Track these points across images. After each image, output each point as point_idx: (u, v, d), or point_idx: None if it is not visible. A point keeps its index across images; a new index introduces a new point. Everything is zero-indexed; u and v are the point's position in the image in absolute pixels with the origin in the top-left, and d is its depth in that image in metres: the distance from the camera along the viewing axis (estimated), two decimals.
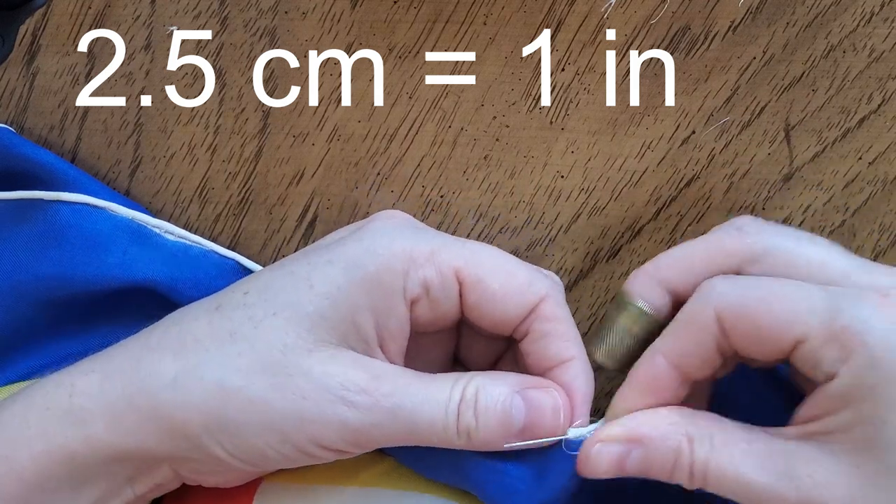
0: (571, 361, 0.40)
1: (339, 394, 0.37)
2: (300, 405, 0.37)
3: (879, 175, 0.46)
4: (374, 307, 0.38)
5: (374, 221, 0.41)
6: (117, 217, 0.44)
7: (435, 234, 0.40)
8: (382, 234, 0.39)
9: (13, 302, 0.44)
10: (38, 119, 0.47)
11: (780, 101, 0.45)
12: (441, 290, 0.38)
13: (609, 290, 0.47)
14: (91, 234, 0.44)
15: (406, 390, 0.37)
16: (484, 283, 0.39)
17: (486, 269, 0.39)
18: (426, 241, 0.39)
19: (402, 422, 0.37)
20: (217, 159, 0.47)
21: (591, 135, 0.46)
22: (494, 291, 0.39)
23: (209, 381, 0.37)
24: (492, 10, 0.46)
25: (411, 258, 0.38)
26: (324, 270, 0.38)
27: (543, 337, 0.39)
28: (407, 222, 0.41)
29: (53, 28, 0.47)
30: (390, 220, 0.41)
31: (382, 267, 0.38)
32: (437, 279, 0.38)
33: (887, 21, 0.45)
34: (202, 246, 0.45)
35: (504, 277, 0.39)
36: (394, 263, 0.38)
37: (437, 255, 0.38)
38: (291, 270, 0.38)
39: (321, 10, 0.46)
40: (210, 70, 0.47)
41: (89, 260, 0.44)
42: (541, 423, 0.39)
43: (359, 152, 0.47)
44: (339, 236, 0.41)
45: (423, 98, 0.46)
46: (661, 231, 0.46)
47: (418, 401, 0.37)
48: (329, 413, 0.37)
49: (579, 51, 0.46)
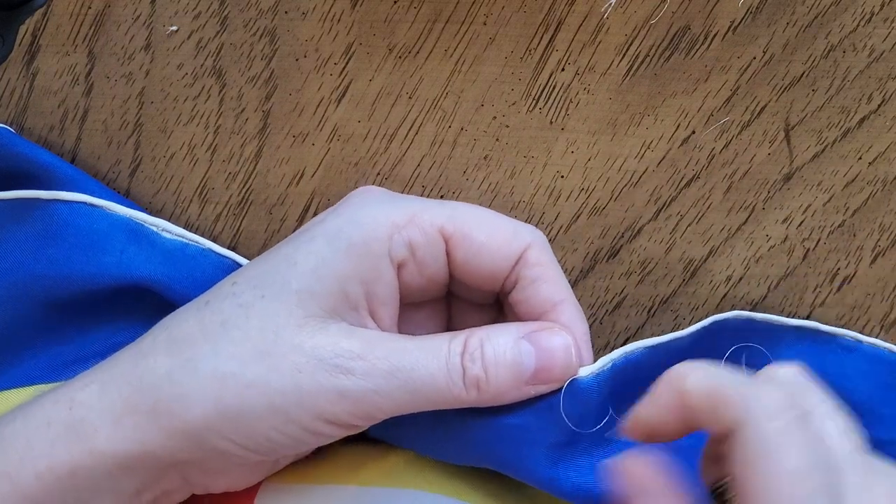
0: (563, 303, 0.39)
1: (334, 362, 0.36)
2: (296, 380, 0.36)
3: (879, 175, 0.46)
4: (362, 275, 0.37)
5: (350, 198, 0.41)
6: (115, 215, 0.44)
7: (414, 199, 0.40)
8: (361, 205, 0.39)
9: (11, 303, 0.44)
10: (38, 119, 0.47)
11: (780, 101, 0.45)
12: (427, 249, 0.38)
13: (609, 289, 0.47)
14: (88, 232, 0.44)
15: (402, 350, 0.37)
16: (469, 237, 0.38)
17: (469, 223, 0.39)
18: (406, 206, 0.39)
19: (403, 382, 0.37)
20: (217, 159, 0.47)
21: (591, 135, 0.46)
22: (481, 244, 0.39)
23: (203, 371, 0.37)
24: (492, 10, 0.46)
25: (393, 222, 0.38)
26: (307, 247, 0.38)
27: (532, 283, 0.39)
28: (383, 193, 0.41)
29: (53, 28, 0.47)
30: (367, 194, 0.41)
31: (366, 234, 0.38)
32: (421, 239, 0.38)
33: (887, 21, 0.45)
34: (199, 244, 0.45)
35: (488, 229, 0.39)
36: (377, 230, 0.38)
37: (418, 216, 0.38)
38: (276, 253, 0.39)
39: (321, 10, 0.46)
40: (210, 70, 0.47)
41: (86, 259, 0.44)
42: (553, 364, 0.38)
43: (359, 152, 0.47)
44: (321, 218, 0.41)
45: (423, 98, 0.46)
46: (661, 231, 0.46)
47: (416, 358, 0.37)
48: (326, 384, 0.36)
49: (579, 51, 0.46)
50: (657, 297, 0.47)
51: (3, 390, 0.45)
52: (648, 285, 0.46)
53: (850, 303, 0.46)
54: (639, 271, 0.47)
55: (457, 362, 0.37)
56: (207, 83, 0.47)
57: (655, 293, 0.47)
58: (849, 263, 0.46)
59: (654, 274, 0.46)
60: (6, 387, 0.45)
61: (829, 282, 0.46)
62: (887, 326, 0.46)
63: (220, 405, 0.36)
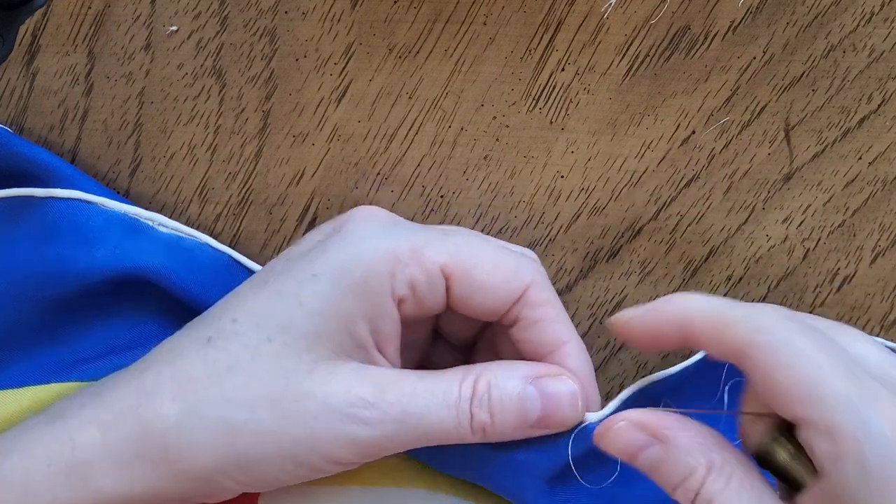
0: (567, 345, 0.39)
1: (347, 412, 0.36)
2: (311, 428, 0.36)
3: (879, 175, 0.46)
4: (366, 313, 0.37)
5: (352, 223, 0.40)
6: (110, 211, 0.44)
7: (416, 229, 0.39)
8: (363, 236, 0.38)
9: (7, 303, 0.44)
10: (38, 119, 0.47)
11: (780, 101, 0.45)
12: (427, 287, 0.38)
13: (609, 289, 0.47)
14: (83, 228, 0.44)
15: (412, 396, 0.37)
16: (470, 275, 0.38)
17: (471, 261, 0.38)
18: (408, 239, 0.38)
19: (412, 428, 0.37)
20: (217, 159, 0.47)
21: (591, 135, 0.46)
22: (481, 283, 0.38)
23: (214, 420, 0.36)
24: (492, 10, 0.46)
25: (396, 258, 0.37)
26: (311, 287, 0.37)
27: (535, 324, 0.39)
28: (386, 219, 0.40)
29: (53, 28, 0.47)
30: (369, 220, 0.40)
31: (368, 272, 0.37)
32: (422, 277, 0.38)
33: (887, 21, 0.45)
34: (196, 238, 0.45)
35: (489, 268, 0.38)
36: (379, 267, 0.37)
37: (420, 252, 0.38)
38: (278, 290, 0.38)
39: (321, 10, 0.46)
40: (210, 70, 0.47)
41: (80, 254, 0.43)
42: (558, 413, 0.38)
43: (359, 152, 0.47)
44: (317, 239, 0.40)
45: (423, 98, 0.46)
46: (661, 231, 0.46)
47: (425, 404, 0.37)
48: (339, 433, 0.36)
49: (579, 51, 0.46)
50: (657, 297, 0.46)
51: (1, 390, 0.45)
52: (648, 285, 0.46)
53: (850, 303, 0.46)
54: (639, 271, 0.47)
55: (466, 408, 0.37)
56: (207, 83, 0.47)
57: (655, 293, 0.47)
58: (849, 263, 0.46)
59: (654, 274, 0.46)
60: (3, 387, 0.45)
61: (829, 282, 0.46)
62: (887, 326, 0.46)
63: (231, 453, 0.37)
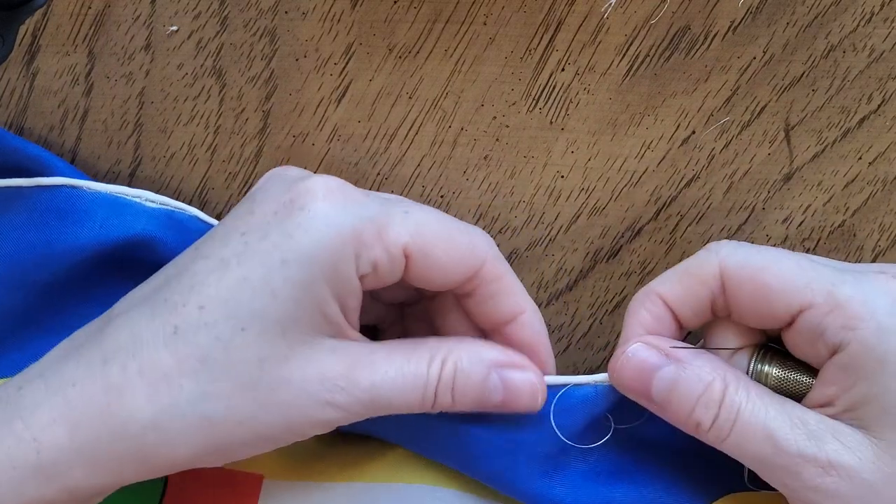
0: (524, 314, 0.40)
1: (322, 397, 0.37)
2: (286, 414, 0.37)
3: (879, 175, 0.46)
4: (336, 294, 0.37)
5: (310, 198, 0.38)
6: (95, 193, 0.44)
7: (378, 204, 0.39)
8: (326, 216, 0.37)
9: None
10: (38, 119, 0.47)
11: (780, 101, 0.45)
12: (388, 266, 0.38)
13: (609, 289, 0.47)
14: (69, 212, 0.44)
15: (383, 380, 0.38)
16: (429, 255, 0.38)
17: (430, 242, 0.38)
18: (371, 219, 0.38)
19: (380, 408, 0.38)
20: (217, 159, 0.47)
21: (591, 135, 0.46)
22: (437, 261, 0.39)
23: (192, 416, 0.36)
24: (492, 10, 0.46)
25: (360, 241, 0.37)
26: (282, 273, 0.37)
27: (491, 297, 0.40)
28: (344, 193, 0.38)
29: (53, 28, 0.47)
30: (328, 196, 0.38)
31: (336, 256, 0.37)
32: (385, 257, 0.38)
33: (887, 21, 0.45)
34: (185, 211, 0.45)
35: (446, 248, 0.39)
36: (345, 249, 0.37)
37: (383, 233, 0.38)
38: (245, 276, 0.37)
39: (321, 10, 0.46)
40: (210, 70, 0.47)
41: (65, 236, 0.43)
42: (517, 402, 0.40)
43: (359, 152, 0.47)
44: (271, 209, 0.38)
45: (423, 98, 0.46)
46: (661, 231, 0.46)
47: (395, 387, 0.38)
48: (314, 416, 0.37)
49: (579, 51, 0.46)
50: None
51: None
52: None
53: None
54: (639, 271, 0.47)
55: (431, 392, 0.38)
56: (207, 83, 0.47)
57: None
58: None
59: (654, 274, 0.46)
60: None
61: None
62: None
63: (208, 444, 0.37)
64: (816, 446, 0.36)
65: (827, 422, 0.37)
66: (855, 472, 0.36)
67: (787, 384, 0.39)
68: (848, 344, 0.36)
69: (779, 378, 0.39)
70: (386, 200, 0.39)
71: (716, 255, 0.39)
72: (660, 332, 0.40)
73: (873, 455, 0.36)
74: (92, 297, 0.45)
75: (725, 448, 0.38)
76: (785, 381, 0.39)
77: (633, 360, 0.39)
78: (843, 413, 0.37)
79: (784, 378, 0.39)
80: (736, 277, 0.38)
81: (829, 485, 0.36)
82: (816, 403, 0.38)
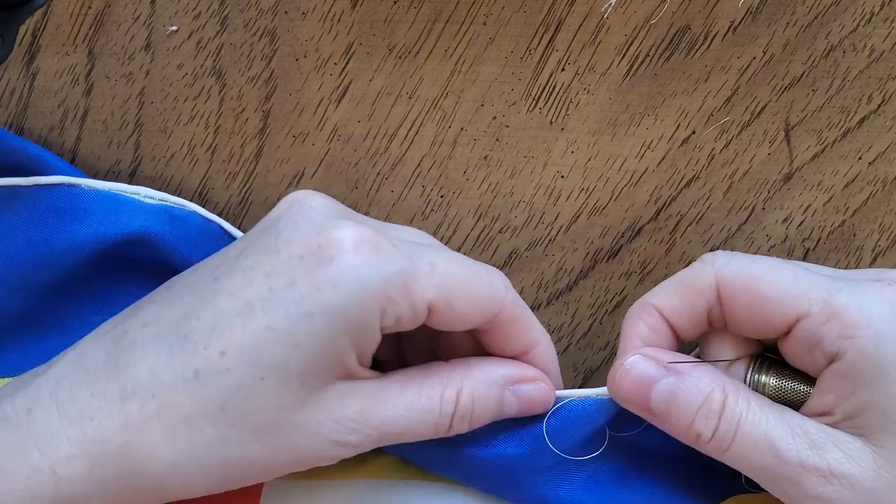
0: (538, 346, 0.41)
1: (334, 439, 0.37)
2: (299, 455, 0.38)
3: (879, 175, 0.46)
4: (356, 345, 0.38)
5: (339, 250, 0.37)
6: (94, 191, 0.44)
7: (404, 255, 0.38)
8: (356, 274, 0.37)
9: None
10: (38, 119, 0.47)
11: (780, 101, 0.45)
12: (412, 319, 0.38)
13: (609, 289, 0.47)
14: (68, 210, 0.44)
15: (394, 417, 0.38)
16: (451, 307, 0.38)
17: (454, 294, 0.38)
18: (399, 273, 0.37)
19: (391, 440, 0.38)
20: (217, 159, 0.47)
21: (591, 135, 0.46)
22: (459, 311, 0.39)
23: (208, 459, 0.37)
24: (492, 10, 0.46)
25: (387, 297, 0.37)
26: (306, 326, 0.36)
27: (506, 336, 0.40)
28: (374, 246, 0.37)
29: (53, 28, 0.47)
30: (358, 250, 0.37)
31: (363, 313, 0.37)
32: (409, 313, 0.38)
33: (887, 21, 0.45)
34: (185, 207, 0.45)
35: (468, 297, 0.39)
36: (372, 306, 0.37)
37: (410, 289, 0.37)
38: (269, 325, 0.36)
39: (321, 10, 0.46)
40: (210, 70, 0.47)
41: (64, 234, 0.43)
42: (530, 412, 0.40)
43: (359, 152, 0.47)
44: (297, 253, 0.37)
45: (423, 98, 0.46)
46: (661, 231, 0.46)
47: (406, 423, 0.38)
48: (325, 454, 0.38)
49: (579, 51, 0.46)
50: None
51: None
52: (648, 285, 0.46)
53: None
54: (639, 271, 0.47)
55: (445, 423, 0.39)
56: (207, 83, 0.47)
57: None
58: (849, 263, 0.46)
59: (654, 274, 0.46)
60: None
61: None
62: None
63: (224, 483, 0.38)
64: (818, 455, 0.36)
65: (827, 430, 0.37)
66: (856, 481, 0.36)
67: (785, 394, 0.39)
68: (846, 352, 0.36)
69: (776, 388, 0.39)
70: (412, 249, 0.38)
71: (711, 265, 0.39)
72: (657, 343, 0.40)
73: (874, 463, 0.36)
74: (92, 295, 0.45)
75: (726, 459, 0.38)
76: (782, 390, 0.39)
77: (631, 372, 0.39)
78: (842, 421, 0.37)
79: (781, 388, 0.39)
80: (731, 287, 0.38)
81: (830, 494, 0.36)
82: (815, 412, 0.38)
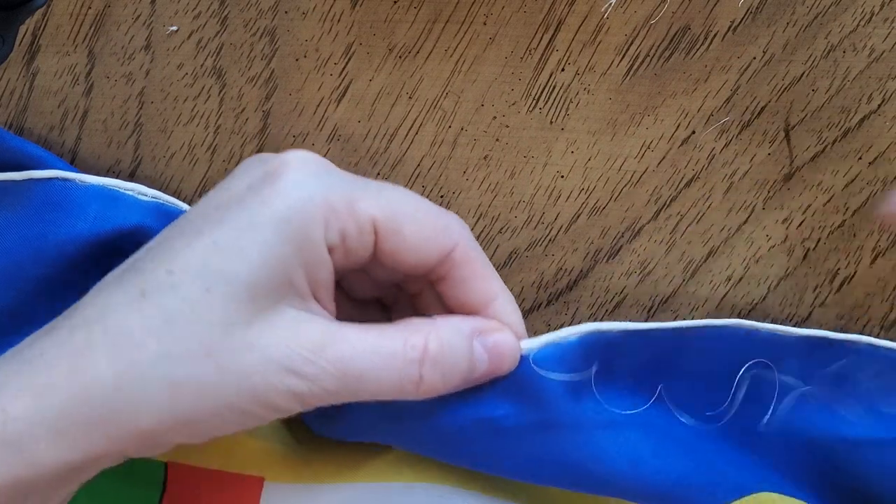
0: (497, 300, 0.40)
1: (287, 365, 0.36)
2: (250, 381, 0.36)
3: (879, 175, 0.46)
4: (305, 262, 0.37)
5: (286, 168, 0.38)
6: (88, 185, 0.44)
7: (350, 179, 0.39)
8: (300, 184, 0.37)
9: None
10: (38, 119, 0.47)
11: (780, 101, 0.45)
12: (357, 238, 0.38)
13: (609, 289, 0.47)
14: (62, 205, 0.43)
15: (353, 354, 0.37)
16: (399, 232, 0.38)
17: (401, 218, 0.38)
18: (342, 189, 0.38)
19: (352, 386, 0.37)
20: (217, 159, 0.47)
21: (591, 135, 0.46)
22: (407, 240, 0.38)
23: (154, 378, 0.35)
24: (492, 10, 0.46)
25: (331, 207, 0.37)
26: (252, 235, 0.36)
27: (463, 282, 0.40)
28: (320, 166, 0.39)
29: (53, 28, 0.47)
30: (303, 166, 0.38)
31: (307, 220, 0.36)
32: (353, 228, 0.37)
33: (887, 21, 0.45)
34: (177, 206, 0.45)
35: (417, 227, 0.38)
36: (315, 214, 0.37)
37: (354, 204, 0.37)
38: (215, 240, 0.36)
39: (321, 10, 0.46)
40: (210, 70, 0.47)
41: (60, 229, 0.43)
42: (501, 367, 0.40)
43: (359, 152, 0.47)
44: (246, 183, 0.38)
45: (423, 98, 0.46)
46: (661, 231, 0.46)
47: (365, 364, 0.37)
48: (279, 385, 0.36)
49: (579, 51, 0.46)
50: (657, 297, 0.47)
51: None
52: (648, 285, 0.46)
53: (850, 303, 0.46)
54: (639, 271, 0.47)
55: (412, 371, 0.38)
56: (207, 83, 0.47)
57: (655, 293, 0.47)
58: (849, 263, 0.46)
59: (654, 274, 0.46)
60: None
61: (829, 282, 0.46)
62: (887, 326, 0.46)
63: (173, 410, 0.36)
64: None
65: None
66: None
67: None
68: None
69: None
70: (365, 180, 0.39)
71: None
72: None
73: None
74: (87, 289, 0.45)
75: None
76: None
77: None
78: None
79: None
80: None
81: None
82: None
